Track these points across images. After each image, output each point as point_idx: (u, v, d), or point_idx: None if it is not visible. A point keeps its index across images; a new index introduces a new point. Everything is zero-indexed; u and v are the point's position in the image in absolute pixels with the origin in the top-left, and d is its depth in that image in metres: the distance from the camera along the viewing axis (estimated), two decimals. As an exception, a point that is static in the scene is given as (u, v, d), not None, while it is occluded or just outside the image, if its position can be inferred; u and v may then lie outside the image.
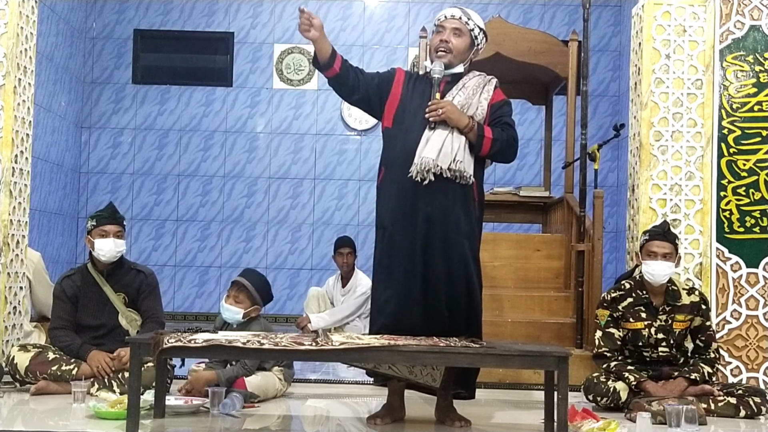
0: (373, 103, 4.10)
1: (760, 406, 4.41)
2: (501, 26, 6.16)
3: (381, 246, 4.04)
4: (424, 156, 3.89)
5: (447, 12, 4.10)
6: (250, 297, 4.63)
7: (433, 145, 3.90)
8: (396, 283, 3.95)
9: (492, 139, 3.96)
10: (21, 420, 4.04)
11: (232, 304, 4.62)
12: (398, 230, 3.96)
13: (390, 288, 3.97)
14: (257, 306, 4.66)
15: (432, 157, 3.88)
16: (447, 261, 3.93)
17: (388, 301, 3.97)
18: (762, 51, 5.10)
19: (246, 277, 4.70)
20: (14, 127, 4.96)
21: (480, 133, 3.94)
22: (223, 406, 4.03)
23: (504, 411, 4.50)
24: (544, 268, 5.84)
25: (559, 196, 6.38)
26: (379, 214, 4.07)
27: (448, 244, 3.93)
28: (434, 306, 3.93)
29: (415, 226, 3.93)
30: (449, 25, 4.04)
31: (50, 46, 8.79)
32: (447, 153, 3.89)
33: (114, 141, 9.96)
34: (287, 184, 9.95)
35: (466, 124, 3.93)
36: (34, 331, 5.19)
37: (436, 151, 3.89)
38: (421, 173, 3.89)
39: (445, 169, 3.88)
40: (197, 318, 9.66)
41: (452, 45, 4.03)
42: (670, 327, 4.59)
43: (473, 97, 4.01)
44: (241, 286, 4.64)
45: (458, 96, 4.00)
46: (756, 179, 5.06)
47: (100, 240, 4.61)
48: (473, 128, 3.93)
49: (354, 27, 10.02)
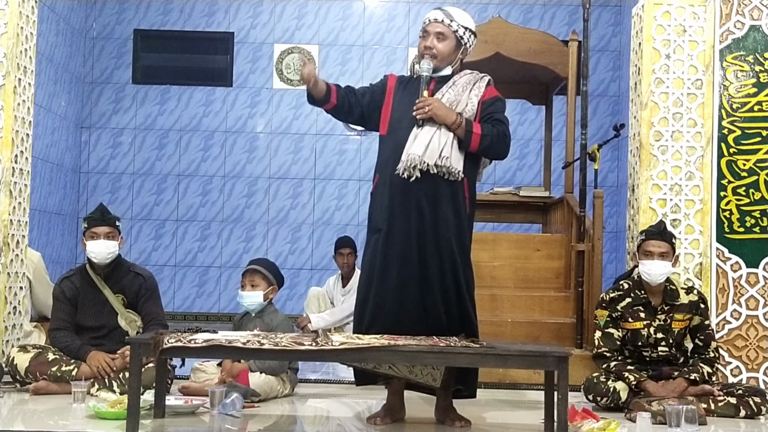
0: (372, 117, 4.14)
1: (760, 406, 4.41)
2: (501, 26, 6.16)
3: (374, 248, 4.01)
4: (411, 152, 3.90)
5: (430, 15, 4.09)
6: (265, 278, 4.83)
7: (420, 142, 3.91)
8: (392, 284, 3.94)
9: (481, 135, 3.95)
10: (21, 420, 4.04)
11: (250, 290, 4.80)
12: (393, 230, 3.96)
13: (385, 289, 3.95)
14: (273, 287, 4.86)
15: (418, 153, 3.89)
16: (440, 257, 3.93)
17: (382, 302, 3.95)
18: (762, 51, 5.10)
19: (255, 263, 4.92)
20: (14, 127, 4.96)
21: (468, 129, 3.94)
22: (223, 406, 4.03)
23: (504, 411, 4.50)
24: (544, 268, 5.84)
25: (559, 196, 6.39)
26: (374, 217, 4.07)
27: (438, 240, 3.93)
28: (431, 303, 3.93)
29: (409, 224, 3.94)
30: (432, 30, 4.04)
31: (50, 46, 8.79)
32: (434, 149, 3.90)
33: (114, 141, 9.96)
34: (287, 184, 9.95)
35: (454, 120, 3.93)
36: (34, 331, 5.20)
37: (422, 147, 3.90)
38: (408, 170, 3.90)
39: (432, 165, 3.89)
40: (197, 318, 9.66)
41: (436, 50, 4.02)
42: (669, 326, 4.59)
43: (462, 94, 4.01)
44: (253, 271, 4.83)
45: (447, 93, 4.01)
46: (756, 179, 5.06)
47: (91, 242, 4.63)
48: (461, 124, 3.93)
49: (354, 27, 10.02)
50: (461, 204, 3.99)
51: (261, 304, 4.82)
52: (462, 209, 4.00)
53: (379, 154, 4.12)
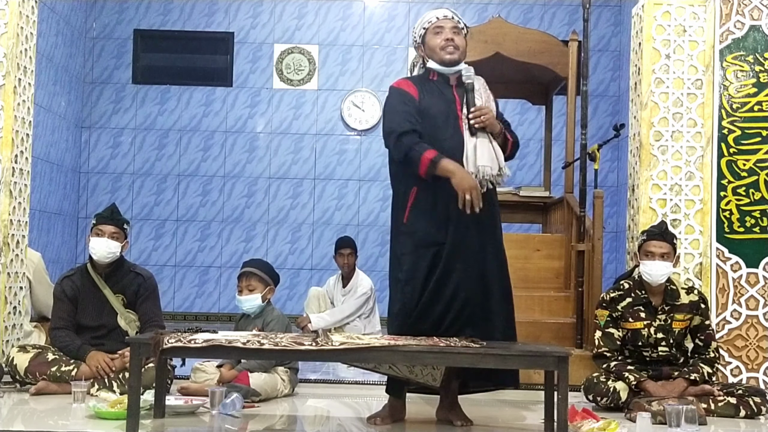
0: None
1: (760, 406, 4.41)
2: (501, 26, 6.16)
3: (432, 261, 3.90)
4: (480, 165, 3.88)
5: (439, 13, 4.09)
6: (261, 280, 4.83)
7: (484, 153, 3.90)
8: (449, 292, 3.90)
9: (513, 141, 4.05)
10: (21, 420, 4.04)
11: (247, 294, 4.80)
12: (455, 242, 3.91)
13: (443, 297, 3.90)
14: (270, 287, 4.86)
15: (489, 165, 3.89)
16: (497, 263, 3.98)
17: (443, 311, 3.91)
18: (762, 51, 5.10)
19: (249, 265, 4.91)
20: (14, 127, 4.96)
21: (506, 137, 4.02)
22: (223, 406, 4.03)
23: (504, 411, 4.50)
24: (544, 268, 5.84)
25: (559, 196, 6.38)
26: (425, 231, 3.93)
27: (495, 246, 3.97)
28: (488, 309, 3.96)
29: (470, 235, 3.91)
30: (448, 25, 4.04)
31: (50, 46, 8.79)
32: (493, 158, 3.92)
33: (114, 141, 9.96)
34: (287, 184, 9.95)
35: (500, 129, 3.98)
36: (34, 331, 5.19)
37: (489, 158, 3.90)
38: (483, 182, 3.89)
39: (495, 175, 3.92)
40: (197, 318, 9.66)
41: (458, 43, 4.03)
42: (669, 326, 4.59)
43: (487, 100, 4.04)
44: (248, 274, 4.83)
45: (478, 100, 4.00)
46: (756, 179, 5.06)
47: (95, 239, 4.64)
48: (501, 131, 3.99)
49: (354, 27, 10.03)
50: (497, 208, 4.06)
51: (260, 306, 4.82)
52: (497, 214, 4.06)
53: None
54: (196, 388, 4.51)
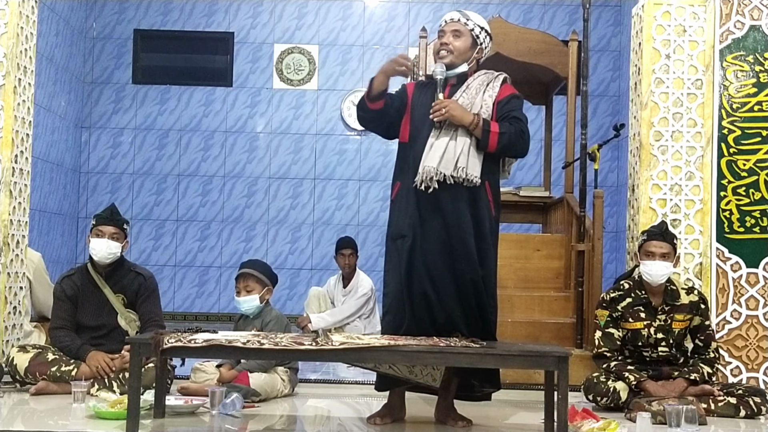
0: (395, 126, 4.12)
1: (760, 406, 4.41)
2: (501, 26, 6.16)
3: (398, 254, 4.00)
4: (426, 165, 3.91)
5: (446, 17, 4.14)
6: (259, 281, 4.82)
7: (435, 153, 3.91)
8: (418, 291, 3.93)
9: (499, 133, 3.94)
10: (21, 420, 4.04)
11: (245, 295, 4.79)
12: (418, 237, 3.95)
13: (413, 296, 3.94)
14: (269, 287, 4.86)
15: (433, 165, 3.89)
16: (466, 262, 3.93)
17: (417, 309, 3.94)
18: (762, 51, 5.10)
19: (246, 266, 4.90)
20: (14, 127, 4.96)
21: (486, 128, 3.93)
22: (223, 406, 4.04)
23: (504, 411, 4.50)
24: (544, 268, 5.84)
25: (559, 196, 6.39)
26: (396, 224, 4.05)
27: (463, 245, 3.93)
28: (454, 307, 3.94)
29: (433, 232, 3.94)
30: (449, 29, 4.07)
31: (50, 46, 8.79)
32: (449, 159, 3.90)
33: (114, 141, 9.97)
34: (287, 184, 9.95)
35: (471, 120, 3.92)
36: (34, 331, 5.19)
37: (437, 158, 3.90)
38: (425, 182, 3.91)
39: (449, 175, 3.89)
40: (197, 318, 9.66)
41: (452, 46, 4.04)
42: (669, 327, 4.59)
43: (476, 97, 4.01)
44: (245, 275, 4.83)
45: (462, 97, 4.01)
46: (756, 179, 5.06)
47: (95, 239, 4.64)
48: (478, 124, 3.92)
49: (354, 27, 10.03)
50: (485, 208, 3.99)
51: (258, 306, 4.82)
52: (485, 213, 3.99)
53: (400, 162, 4.11)
54: (196, 388, 4.51)
